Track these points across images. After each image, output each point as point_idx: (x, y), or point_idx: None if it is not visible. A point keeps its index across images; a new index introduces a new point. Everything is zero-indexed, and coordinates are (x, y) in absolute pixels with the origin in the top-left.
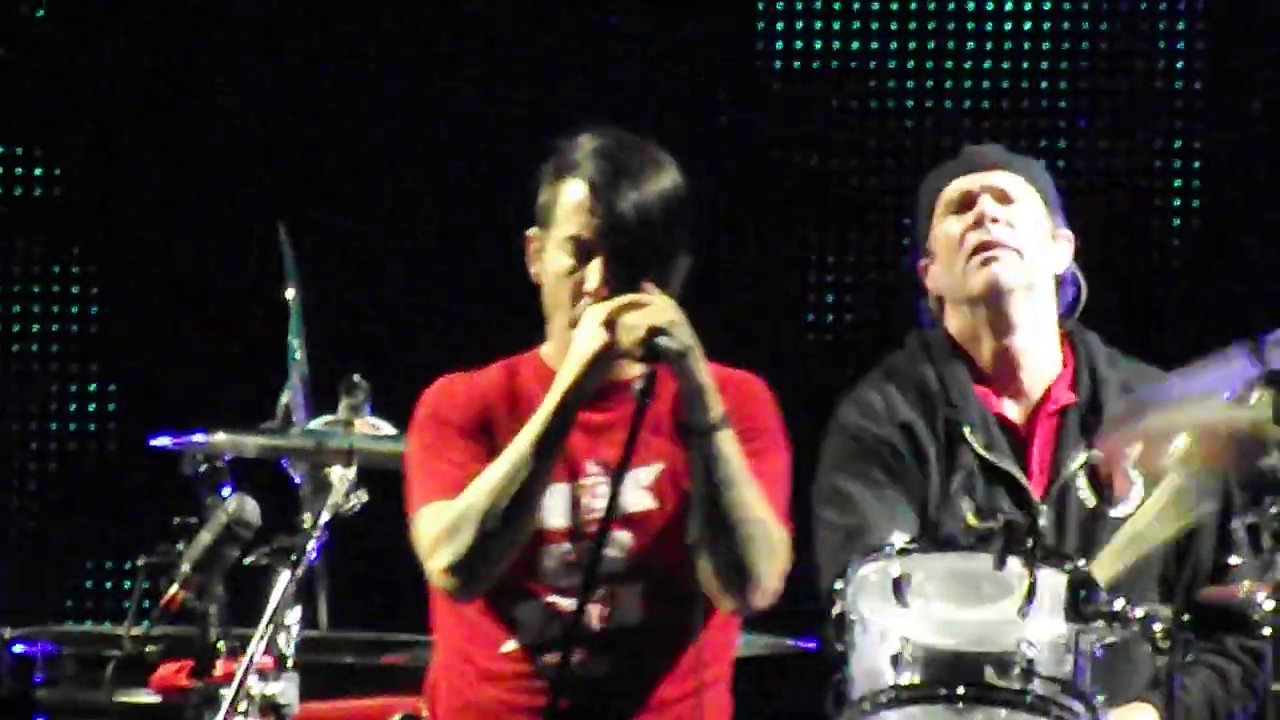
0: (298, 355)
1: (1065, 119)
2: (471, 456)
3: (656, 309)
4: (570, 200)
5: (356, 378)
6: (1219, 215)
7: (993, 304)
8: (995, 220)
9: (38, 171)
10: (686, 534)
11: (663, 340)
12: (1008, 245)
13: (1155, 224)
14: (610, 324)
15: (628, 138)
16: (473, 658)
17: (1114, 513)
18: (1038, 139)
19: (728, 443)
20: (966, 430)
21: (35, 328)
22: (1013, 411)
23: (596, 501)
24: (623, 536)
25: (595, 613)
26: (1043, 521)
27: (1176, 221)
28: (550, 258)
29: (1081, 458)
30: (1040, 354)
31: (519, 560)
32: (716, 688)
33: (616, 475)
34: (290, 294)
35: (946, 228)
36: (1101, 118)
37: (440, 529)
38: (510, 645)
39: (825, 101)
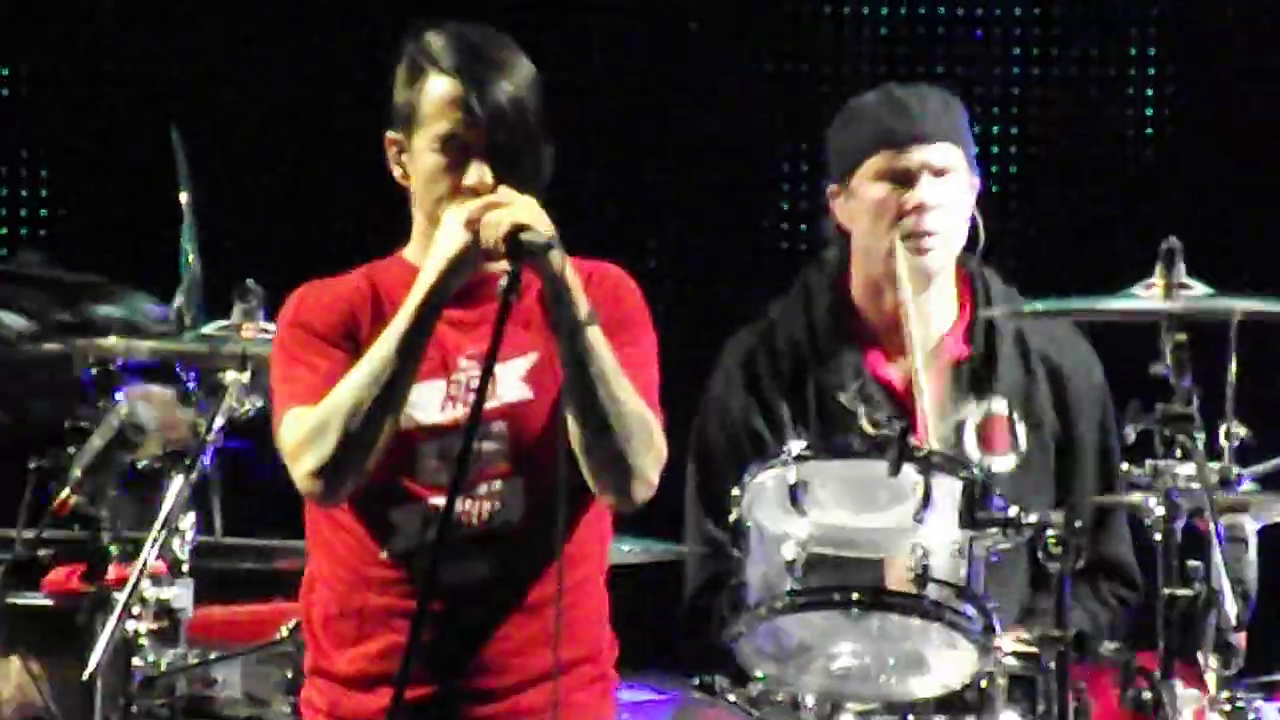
0: (190, 259)
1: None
2: (335, 362)
3: (519, 207)
4: (438, 97)
5: (250, 282)
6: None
7: (913, 280)
8: (934, 207)
9: None
10: (561, 424)
11: (526, 236)
12: (940, 232)
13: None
14: (472, 223)
15: (482, 28)
16: (350, 564)
17: (998, 466)
18: None
19: (596, 337)
20: (843, 398)
21: None
22: (897, 370)
23: (471, 395)
24: (499, 427)
25: (475, 510)
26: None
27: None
28: (421, 158)
29: (969, 409)
30: (938, 308)
31: (394, 461)
32: (592, 584)
33: (485, 367)
34: (184, 198)
35: (877, 192)
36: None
37: (304, 432)
38: (388, 550)
39: None
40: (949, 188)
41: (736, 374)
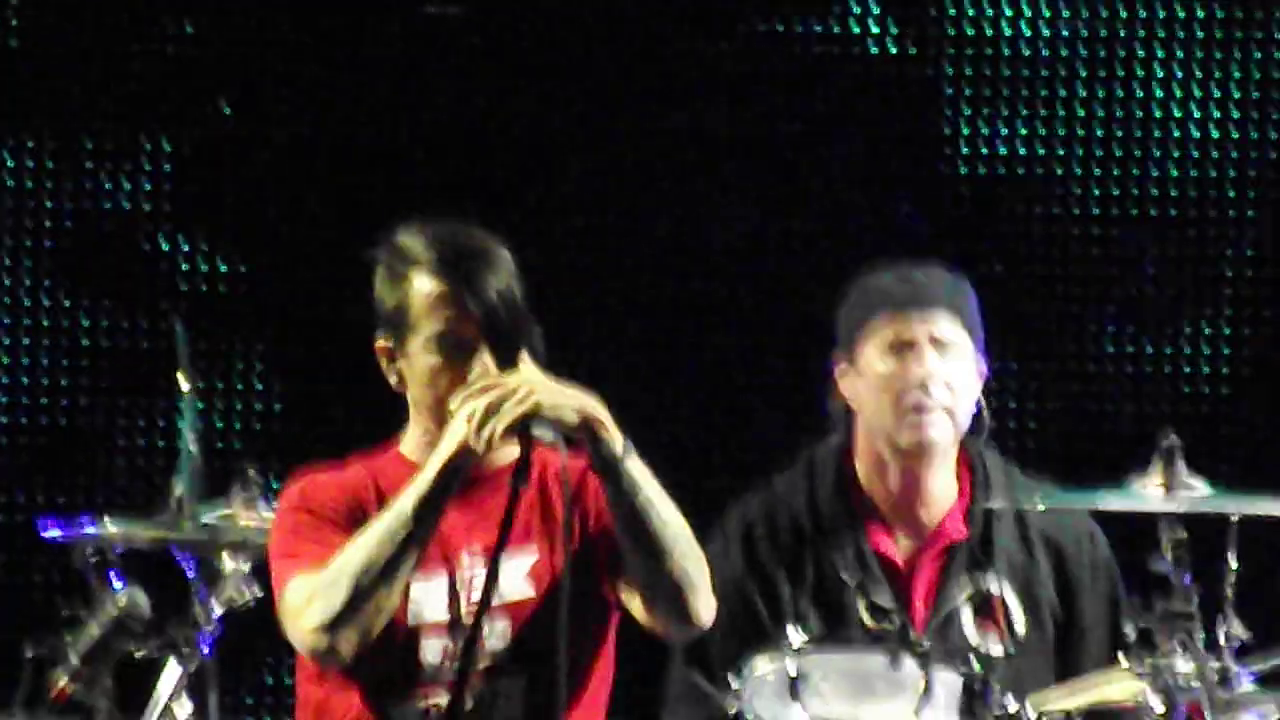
0: (190, 446)
1: None
2: (336, 544)
3: (522, 395)
4: (426, 297)
5: (250, 470)
6: None
7: (916, 457)
8: (937, 382)
9: None
10: (559, 621)
11: (532, 428)
12: (943, 408)
13: None
14: (478, 429)
15: (450, 223)
16: None
17: (995, 650)
18: None
19: (636, 466)
20: (843, 573)
21: None
22: (899, 548)
23: (475, 594)
24: (501, 625)
25: (474, 707)
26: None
27: None
28: (418, 360)
29: (968, 592)
30: (940, 488)
31: (398, 656)
32: None
33: (492, 561)
34: (183, 385)
35: (882, 365)
36: None
37: (310, 590)
38: None
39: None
40: (952, 362)
41: (736, 545)
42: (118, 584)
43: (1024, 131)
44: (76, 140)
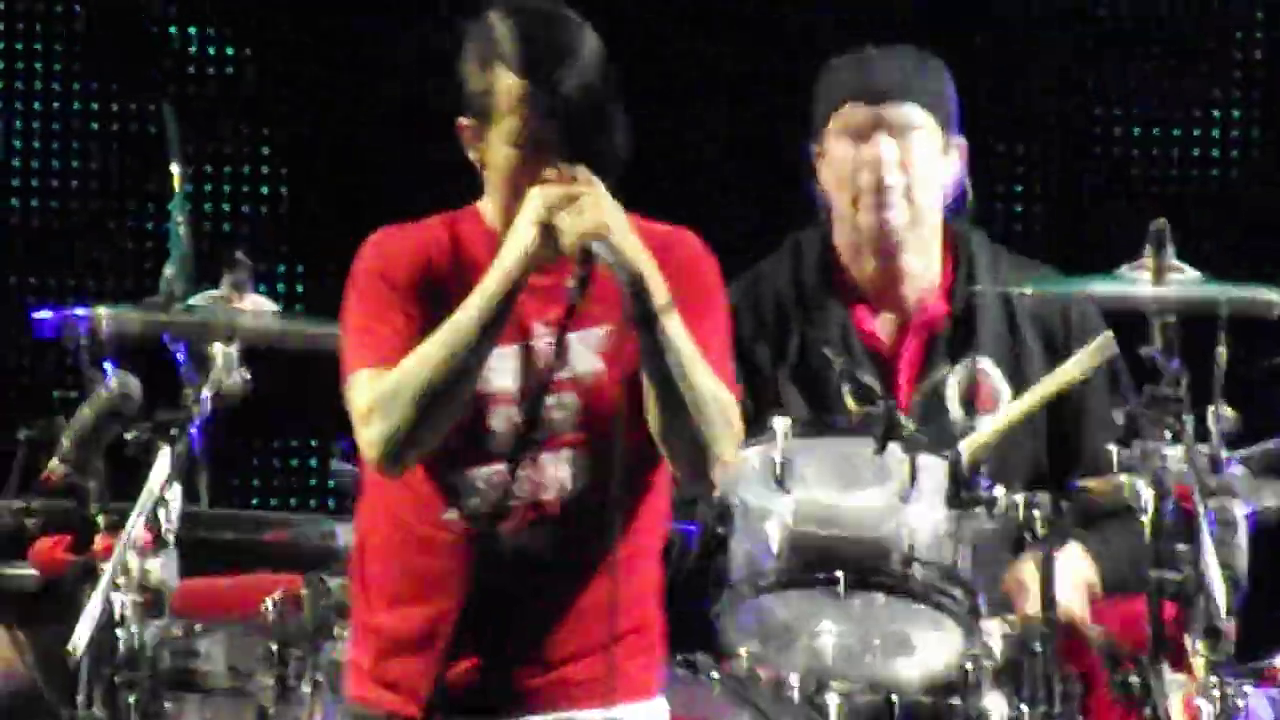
0: (180, 231)
1: None
2: (412, 319)
3: (588, 210)
4: (508, 93)
5: (239, 254)
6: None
7: (881, 238)
8: (887, 164)
9: None
10: (631, 396)
11: (595, 248)
12: (899, 189)
13: None
14: (547, 221)
15: (543, 7)
16: (410, 525)
17: (983, 428)
18: None
19: (674, 326)
20: (828, 351)
21: None
22: (883, 328)
23: (544, 363)
24: (569, 398)
25: (539, 479)
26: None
27: None
28: (496, 151)
29: (951, 368)
30: (921, 267)
31: (464, 425)
32: (648, 558)
33: (557, 341)
34: (175, 169)
35: (840, 150)
36: None
37: (373, 398)
38: (451, 513)
39: None
40: (910, 144)
41: None
42: (109, 368)
43: None
44: None
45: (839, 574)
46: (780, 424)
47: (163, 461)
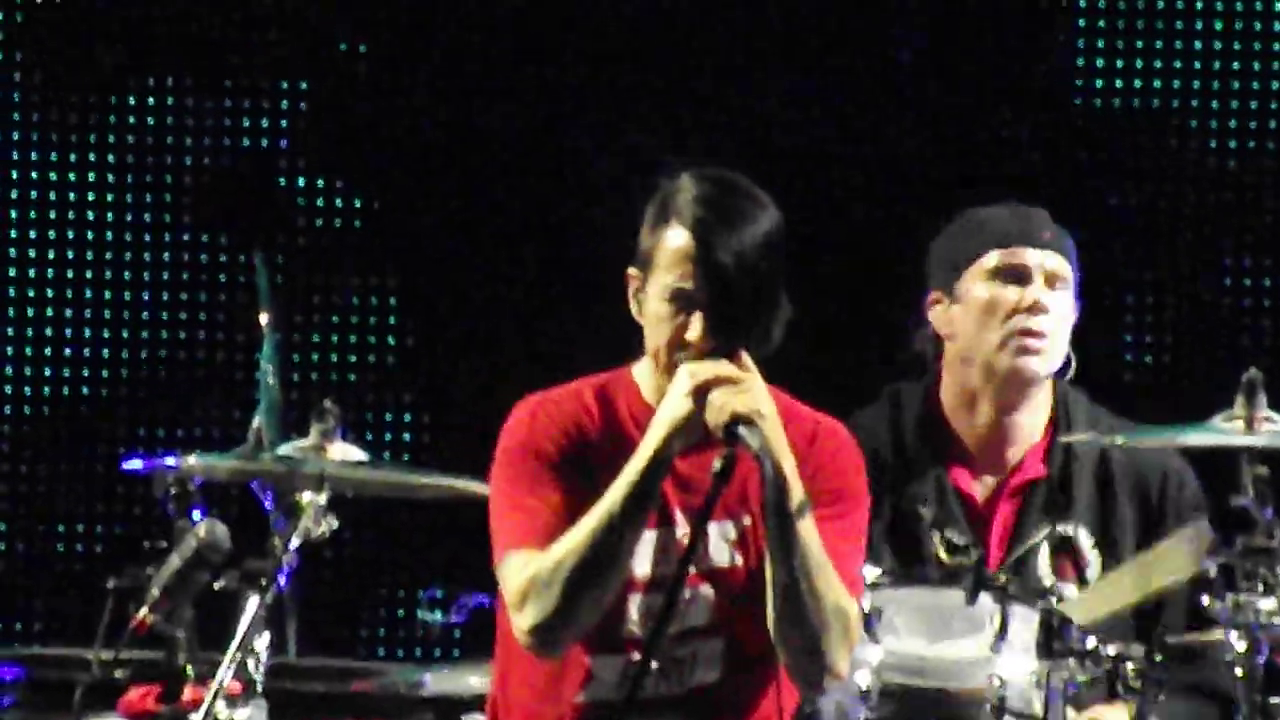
0: (270, 379)
1: None
2: (564, 494)
3: (743, 393)
4: (671, 248)
5: (328, 403)
6: None
7: (1013, 387)
8: (1046, 310)
9: None
10: (763, 590)
11: (743, 431)
12: (1048, 337)
13: None
14: (698, 394)
15: (730, 179)
16: (544, 698)
17: (1069, 593)
18: None
19: (806, 527)
20: (920, 508)
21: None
22: (980, 489)
23: (683, 552)
24: (705, 590)
25: (673, 671)
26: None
27: None
28: (651, 304)
29: (1043, 533)
30: (1029, 426)
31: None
32: None
33: (694, 531)
34: (264, 318)
35: (990, 291)
36: None
37: (526, 582)
38: (582, 696)
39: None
40: (1059, 297)
41: None
42: (198, 516)
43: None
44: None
45: None
46: (870, 574)
47: (251, 610)
